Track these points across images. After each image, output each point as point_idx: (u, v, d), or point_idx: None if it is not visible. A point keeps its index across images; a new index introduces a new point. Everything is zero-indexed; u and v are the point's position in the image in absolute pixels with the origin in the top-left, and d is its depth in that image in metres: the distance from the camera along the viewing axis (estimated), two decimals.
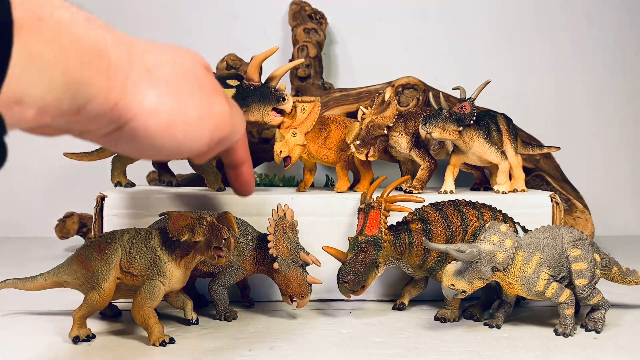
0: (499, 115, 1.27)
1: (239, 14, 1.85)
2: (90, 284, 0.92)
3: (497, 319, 1.01)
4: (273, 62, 1.49)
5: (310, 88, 1.61)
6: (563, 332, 0.96)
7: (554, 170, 1.64)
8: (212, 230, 0.91)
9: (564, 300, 0.96)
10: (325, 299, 1.16)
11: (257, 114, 1.20)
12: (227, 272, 1.04)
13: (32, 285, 0.99)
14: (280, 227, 1.03)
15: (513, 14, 1.89)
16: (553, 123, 1.88)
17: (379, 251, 1.02)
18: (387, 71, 1.62)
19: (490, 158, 1.22)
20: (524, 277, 0.96)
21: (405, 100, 1.48)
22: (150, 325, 0.91)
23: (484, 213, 1.08)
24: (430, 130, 1.17)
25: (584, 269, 0.98)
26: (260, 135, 1.53)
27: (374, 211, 1.04)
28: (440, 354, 0.89)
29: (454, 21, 1.88)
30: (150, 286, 0.91)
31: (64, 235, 1.59)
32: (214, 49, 1.71)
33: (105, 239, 0.94)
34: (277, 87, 1.21)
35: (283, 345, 0.92)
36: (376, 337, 0.96)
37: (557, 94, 1.91)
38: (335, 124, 1.25)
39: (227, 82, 1.22)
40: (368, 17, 1.87)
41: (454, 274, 0.94)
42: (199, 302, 1.11)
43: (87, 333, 0.93)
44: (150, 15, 1.82)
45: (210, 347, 0.91)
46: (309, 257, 1.02)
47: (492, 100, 1.58)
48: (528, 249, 0.97)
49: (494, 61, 1.88)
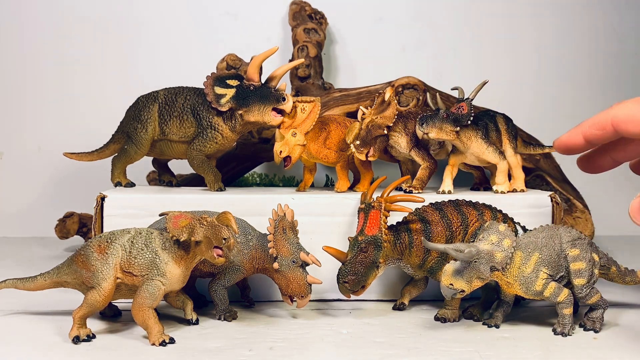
0: (499, 116, 1.27)
1: (239, 14, 1.85)
2: (91, 284, 0.92)
3: (496, 318, 1.01)
4: (273, 62, 1.49)
5: (310, 88, 1.61)
6: (561, 332, 0.96)
7: (554, 170, 1.64)
8: (212, 230, 0.91)
9: (562, 299, 0.96)
10: (325, 299, 1.16)
11: (257, 114, 1.20)
12: (227, 272, 1.04)
13: (32, 285, 1.00)
14: (280, 227, 1.03)
15: (513, 14, 1.89)
16: (553, 123, 1.88)
17: (379, 251, 1.02)
18: (387, 71, 1.62)
19: (489, 158, 1.22)
20: (523, 277, 0.96)
21: (405, 100, 1.48)
22: (150, 325, 0.91)
23: (484, 213, 1.08)
24: (427, 130, 1.17)
25: (582, 269, 0.98)
26: (260, 135, 1.53)
27: (374, 211, 1.04)
28: (440, 354, 0.89)
29: (454, 21, 1.88)
30: (151, 286, 0.91)
31: (64, 235, 1.59)
32: (214, 49, 1.71)
33: (105, 239, 0.94)
34: (277, 87, 1.21)
35: (283, 345, 0.92)
36: (376, 337, 0.96)
37: (557, 94, 1.91)
38: (335, 124, 1.25)
39: (227, 82, 1.22)
40: (368, 17, 1.87)
41: (453, 273, 0.94)
42: (199, 302, 1.11)
43: (87, 333, 0.93)
44: (150, 15, 1.82)
45: (210, 347, 0.91)
46: (309, 257, 1.02)
47: (492, 100, 1.58)
48: (526, 249, 0.97)
49: (494, 61, 1.88)
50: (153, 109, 1.26)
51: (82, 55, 1.81)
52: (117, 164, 1.30)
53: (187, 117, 1.24)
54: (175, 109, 1.25)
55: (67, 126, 1.80)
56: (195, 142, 1.23)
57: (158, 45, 1.82)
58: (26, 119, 1.82)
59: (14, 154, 1.82)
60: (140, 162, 1.33)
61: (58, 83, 1.81)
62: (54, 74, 1.81)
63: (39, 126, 1.81)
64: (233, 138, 1.25)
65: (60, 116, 1.81)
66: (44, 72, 1.81)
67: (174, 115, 1.25)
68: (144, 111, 1.26)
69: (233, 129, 1.23)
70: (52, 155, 1.66)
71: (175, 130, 1.25)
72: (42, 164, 1.81)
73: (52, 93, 1.81)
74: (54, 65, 1.81)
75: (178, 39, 1.82)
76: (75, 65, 1.81)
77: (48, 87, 1.81)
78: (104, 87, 1.81)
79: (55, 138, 1.79)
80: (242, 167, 1.62)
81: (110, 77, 1.81)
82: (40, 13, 1.81)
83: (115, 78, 1.81)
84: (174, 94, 1.26)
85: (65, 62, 1.81)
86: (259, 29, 1.83)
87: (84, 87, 1.81)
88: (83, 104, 1.81)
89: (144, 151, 1.28)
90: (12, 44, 1.81)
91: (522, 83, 1.89)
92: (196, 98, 1.24)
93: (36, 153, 1.82)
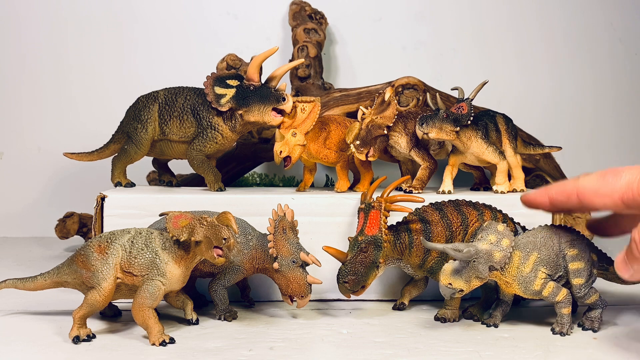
0: (498, 115, 1.27)
1: (238, 14, 1.85)
2: (91, 284, 0.93)
3: (495, 318, 1.01)
4: (273, 62, 1.49)
5: (310, 88, 1.61)
6: (560, 331, 0.97)
7: (554, 170, 1.64)
8: (212, 230, 0.91)
9: (560, 299, 0.96)
10: (325, 299, 1.16)
11: (257, 114, 1.20)
12: (227, 272, 1.04)
13: (32, 285, 1.00)
14: (280, 227, 1.03)
15: (514, 14, 1.89)
16: (553, 123, 1.88)
17: (379, 251, 1.02)
18: (387, 71, 1.62)
19: (488, 158, 1.22)
20: (521, 277, 0.96)
21: (405, 100, 1.48)
22: (150, 325, 0.91)
23: (484, 213, 1.08)
24: (427, 130, 1.17)
25: (580, 268, 0.98)
26: (260, 135, 1.53)
27: (374, 211, 1.04)
28: (440, 354, 0.89)
29: (454, 21, 1.88)
30: (151, 286, 0.92)
31: (64, 235, 1.59)
32: (214, 49, 1.71)
33: (106, 239, 0.94)
34: (277, 87, 1.21)
35: (283, 345, 0.92)
36: (376, 337, 0.97)
37: (557, 94, 1.91)
38: (335, 124, 1.25)
39: (227, 82, 1.23)
40: (368, 17, 1.87)
41: (451, 272, 0.94)
42: (199, 302, 1.11)
43: (87, 333, 0.93)
44: (150, 15, 1.82)
45: (210, 347, 0.91)
46: (309, 257, 1.02)
47: (492, 101, 1.58)
48: (525, 249, 0.97)
49: (494, 61, 1.88)
50: (153, 109, 1.26)
51: (82, 56, 1.81)
52: (117, 164, 1.30)
53: (187, 117, 1.24)
54: (175, 109, 1.25)
55: (67, 126, 1.80)
56: (195, 142, 1.23)
57: (158, 45, 1.82)
58: (26, 119, 1.82)
59: (14, 154, 1.82)
60: (140, 162, 1.33)
61: (58, 83, 1.81)
62: (54, 74, 1.81)
63: (39, 126, 1.81)
64: (233, 138, 1.25)
65: (60, 116, 1.81)
66: (44, 72, 1.81)
67: (174, 115, 1.25)
68: (144, 111, 1.26)
69: (233, 129, 1.23)
70: (52, 155, 1.66)
71: (175, 130, 1.25)
72: (42, 164, 1.81)
73: (52, 93, 1.81)
74: (54, 65, 1.81)
75: (178, 39, 1.83)
76: (75, 66, 1.81)
77: (48, 87, 1.81)
78: (104, 87, 1.81)
79: (55, 138, 1.79)
80: (242, 167, 1.62)
81: (110, 77, 1.81)
82: (40, 13, 1.81)
83: (115, 78, 1.81)
84: (174, 94, 1.26)
85: (66, 62, 1.81)
86: (259, 29, 1.83)
87: (84, 87, 1.81)
88: (83, 104, 1.81)
89: (144, 151, 1.28)
90: (12, 44, 1.81)
91: (522, 83, 1.89)
92: (196, 98, 1.25)
93: (36, 153, 1.82)
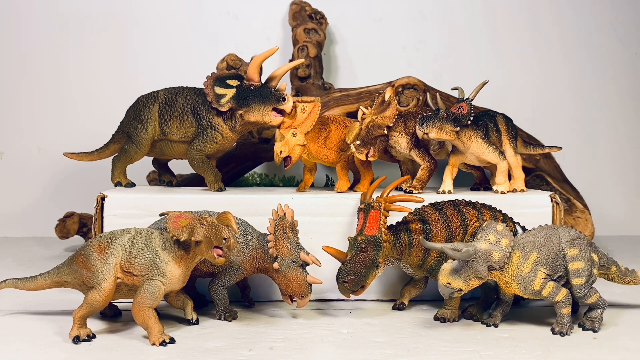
0: (499, 115, 1.27)
1: (238, 14, 1.85)
2: (91, 284, 0.93)
3: (494, 317, 1.01)
4: (273, 62, 1.49)
5: (310, 88, 1.61)
6: (560, 331, 0.97)
7: (554, 170, 1.64)
8: (212, 230, 0.91)
9: (560, 299, 0.96)
10: (325, 299, 1.16)
11: (257, 114, 1.20)
12: (227, 272, 1.04)
13: (32, 285, 1.00)
14: (280, 227, 1.03)
15: (514, 14, 1.89)
16: (553, 123, 1.88)
17: (378, 251, 1.02)
18: (387, 71, 1.62)
19: (488, 158, 1.22)
20: (521, 276, 0.96)
21: (405, 100, 1.48)
22: (150, 325, 0.91)
23: (484, 213, 1.08)
24: (427, 130, 1.17)
25: (580, 269, 0.98)
26: (260, 135, 1.53)
27: (373, 211, 1.04)
28: (440, 354, 0.89)
29: (454, 21, 1.88)
30: (151, 286, 0.92)
31: (64, 235, 1.59)
32: (214, 49, 1.71)
33: (106, 239, 0.94)
34: (277, 87, 1.21)
35: (283, 345, 0.92)
36: (376, 337, 0.97)
37: (558, 94, 1.91)
38: (335, 124, 1.25)
39: (227, 82, 1.23)
40: (368, 17, 1.87)
41: (450, 272, 0.94)
42: (199, 302, 1.11)
43: (87, 333, 0.93)
44: (150, 15, 1.82)
45: (210, 347, 0.91)
46: (309, 257, 1.02)
47: (492, 101, 1.58)
48: (525, 248, 0.97)
49: (494, 61, 1.88)
50: (153, 109, 1.26)
51: (82, 55, 1.81)
52: (117, 164, 1.30)
53: (187, 117, 1.24)
54: (175, 109, 1.25)
55: (67, 126, 1.80)
56: (196, 142, 1.23)
57: (158, 45, 1.82)
58: (26, 118, 1.81)
59: (14, 154, 1.82)
60: (140, 162, 1.33)
61: (58, 83, 1.81)
62: (54, 74, 1.81)
63: (38, 126, 1.81)
64: (233, 138, 1.25)
65: (60, 116, 1.81)
66: (44, 72, 1.81)
67: (174, 115, 1.25)
68: (144, 111, 1.26)
69: (233, 129, 1.23)
70: (52, 155, 1.66)
71: (175, 130, 1.25)
72: (42, 164, 1.80)
73: (52, 93, 1.81)
74: (54, 65, 1.81)
75: (178, 39, 1.82)
76: (75, 65, 1.81)
77: (48, 87, 1.81)
78: (103, 87, 1.81)
79: (55, 138, 1.79)
80: (242, 167, 1.62)
81: (110, 77, 1.81)
82: (40, 13, 1.81)
83: (115, 78, 1.81)
84: (174, 94, 1.26)
85: (65, 62, 1.81)
86: (259, 29, 1.83)
87: (84, 87, 1.81)
88: (83, 104, 1.81)
89: (144, 151, 1.28)
90: (12, 44, 1.81)
91: (522, 83, 1.89)
92: (196, 98, 1.25)
93: (36, 153, 1.82)
